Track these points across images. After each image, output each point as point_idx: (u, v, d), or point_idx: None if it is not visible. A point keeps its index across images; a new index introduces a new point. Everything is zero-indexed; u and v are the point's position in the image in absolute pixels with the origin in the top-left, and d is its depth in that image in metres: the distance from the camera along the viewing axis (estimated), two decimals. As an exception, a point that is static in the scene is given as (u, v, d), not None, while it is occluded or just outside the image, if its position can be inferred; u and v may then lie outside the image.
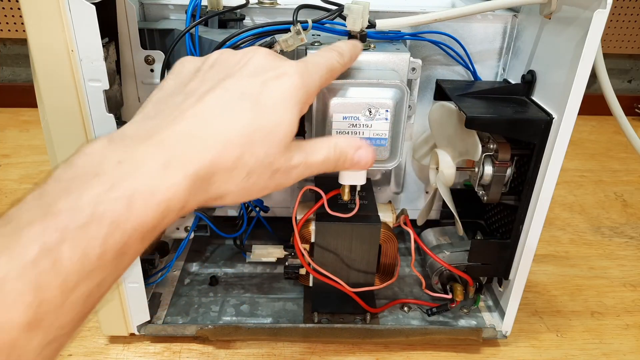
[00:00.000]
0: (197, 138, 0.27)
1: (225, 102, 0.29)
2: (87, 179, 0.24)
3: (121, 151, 0.25)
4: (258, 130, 0.29)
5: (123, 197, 0.24)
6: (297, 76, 0.31)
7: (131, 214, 0.24)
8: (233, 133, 0.28)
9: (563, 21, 0.44)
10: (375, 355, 0.55)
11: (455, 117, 0.51)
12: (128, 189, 0.24)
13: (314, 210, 0.51)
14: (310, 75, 0.32)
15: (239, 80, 0.30)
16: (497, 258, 0.53)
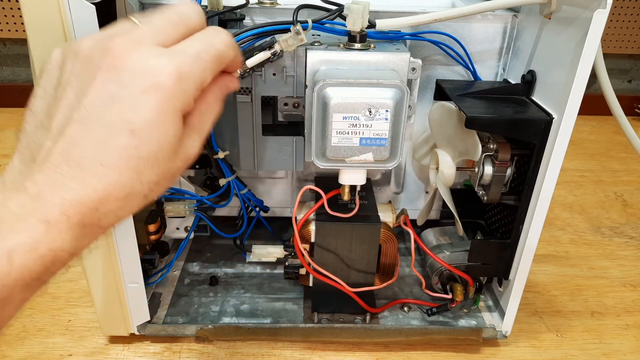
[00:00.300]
0: (78, 186, 0.25)
1: (97, 143, 0.26)
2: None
3: (1, 205, 0.25)
4: (141, 160, 0.27)
5: (2, 253, 0.23)
6: (167, 87, 0.27)
7: (12, 268, 0.24)
8: (115, 174, 0.26)
9: (563, 21, 0.44)
10: (375, 355, 0.55)
11: (455, 117, 0.51)
12: (7, 245, 0.24)
13: (314, 210, 0.51)
14: (187, 73, 0.28)
15: (102, 108, 0.26)
16: (497, 258, 0.53)
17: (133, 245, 0.48)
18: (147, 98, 0.26)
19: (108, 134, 0.26)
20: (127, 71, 0.26)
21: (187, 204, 0.56)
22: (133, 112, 0.26)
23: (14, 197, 0.25)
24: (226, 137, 0.52)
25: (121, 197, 0.27)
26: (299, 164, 0.52)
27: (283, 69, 0.46)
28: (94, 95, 0.26)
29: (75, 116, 0.26)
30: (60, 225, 0.25)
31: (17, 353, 0.54)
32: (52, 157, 0.26)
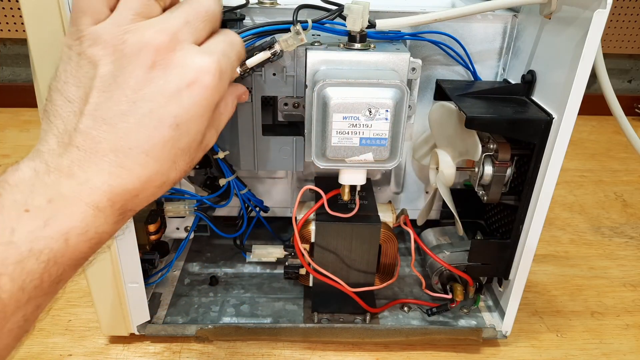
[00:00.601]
0: (124, 174, 0.27)
1: (143, 134, 0.28)
2: (18, 213, 0.25)
3: (49, 187, 0.26)
4: (179, 150, 0.29)
5: (59, 235, 0.26)
6: (214, 80, 0.29)
7: (68, 249, 0.26)
8: (157, 163, 0.28)
9: (563, 21, 0.44)
10: (375, 355, 0.55)
11: (455, 117, 0.51)
12: (62, 228, 0.26)
13: (314, 210, 0.51)
14: (226, 71, 0.31)
15: (150, 102, 0.28)
16: (497, 258, 0.53)
17: (133, 245, 0.48)
18: (192, 94, 0.28)
19: (155, 126, 0.28)
20: (173, 68, 0.28)
21: (187, 204, 0.56)
22: (179, 106, 0.28)
23: (63, 181, 0.27)
24: (226, 137, 0.52)
25: (159, 184, 0.29)
26: (299, 164, 0.52)
27: (283, 69, 0.46)
28: (143, 90, 0.28)
29: (124, 109, 0.28)
30: (106, 211, 0.27)
31: (17, 353, 0.54)
32: (100, 146, 0.27)
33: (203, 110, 0.29)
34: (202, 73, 0.29)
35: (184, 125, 0.29)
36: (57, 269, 0.26)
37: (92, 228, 0.27)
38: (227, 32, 0.33)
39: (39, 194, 0.26)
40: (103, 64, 0.28)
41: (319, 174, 0.61)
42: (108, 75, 0.28)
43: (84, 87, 0.28)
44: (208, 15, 0.31)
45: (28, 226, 0.25)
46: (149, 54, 0.28)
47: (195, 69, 0.29)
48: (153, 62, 0.28)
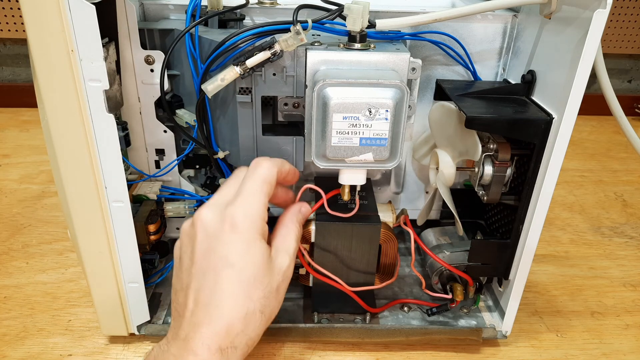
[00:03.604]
0: (208, 320, 0.34)
1: (211, 283, 0.35)
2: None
3: (165, 353, 0.35)
4: (244, 283, 0.35)
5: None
6: (239, 226, 0.36)
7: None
8: (230, 301, 0.35)
9: (563, 21, 0.44)
10: (375, 355, 0.55)
11: (455, 117, 0.51)
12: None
13: (314, 210, 0.51)
14: (249, 210, 0.37)
15: (205, 260, 0.36)
16: (497, 258, 0.53)
17: (133, 245, 0.48)
18: (230, 237, 0.36)
19: (216, 273, 0.35)
20: (209, 225, 0.37)
21: (187, 204, 0.56)
22: (225, 249, 0.35)
23: (173, 344, 0.35)
24: (226, 137, 0.52)
25: (241, 317, 0.35)
26: (299, 164, 0.52)
27: (283, 69, 0.46)
28: (199, 250, 0.36)
29: (193, 271, 0.36)
30: (204, 354, 0.33)
31: (17, 353, 0.54)
32: (188, 307, 0.35)
33: (247, 245, 0.37)
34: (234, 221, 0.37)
35: (237, 263, 0.36)
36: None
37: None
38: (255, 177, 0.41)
39: None
40: (182, 249, 0.40)
41: (319, 174, 0.61)
42: (183, 254, 0.40)
43: (178, 266, 0.40)
44: None
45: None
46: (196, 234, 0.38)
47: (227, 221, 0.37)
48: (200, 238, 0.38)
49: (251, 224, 0.36)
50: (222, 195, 0.39)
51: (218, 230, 0.36)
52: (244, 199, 0.37)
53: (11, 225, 0.76)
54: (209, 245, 0.36)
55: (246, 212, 0.37)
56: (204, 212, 0.37)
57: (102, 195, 0.45)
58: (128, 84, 0.51)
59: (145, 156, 0.56)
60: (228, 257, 0.35)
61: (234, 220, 0.36)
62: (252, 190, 0.38)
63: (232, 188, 0.40)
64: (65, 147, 0.43)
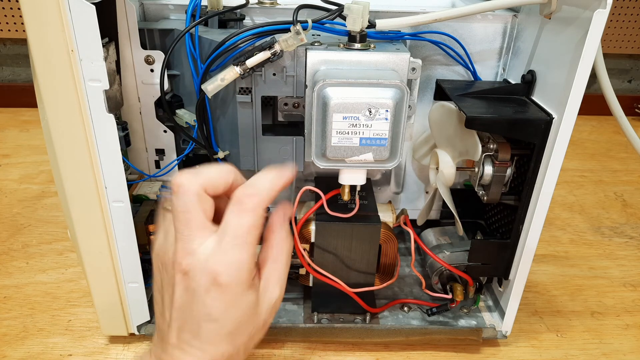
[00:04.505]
0: (191, 359, 0.34)
1: (192, 330, 0.34)
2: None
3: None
4: (228, 334, 0.34)
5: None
6: (223, 283, 0.33)
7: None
8: (212, 347, 0.34)
9: (563, 21, 0.44)
10: (375, 355, 0.55)
11: (455, 117, 0.51)
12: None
13: (314, 210, 0.51)
14: (233, 263, 0.33)
15: (187, 306, 0.34)
16: (497, 258, 0.53)
17: (133, 245, 0.48)
18: (211, 294, 0.33)
19: (197, 324, 0.33)
20: (190, 278, 0.33)
21: (187, 204, 0.56)
22: (206, 306, 0.33)
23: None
24: (226, 137, 0.52)
25: (224, 359, 0.34)
26: (299, 164, 0.52)
27: (283, 69, 0.46)
28: (178, 300, 0.34)
29: (174, 315, 0.34)
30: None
31: (17, 353, 0.54)
32: (170, 340, 0.34)
33: (230, 298, 0.33)
34: (215, 275, 0.32)
35: (219, 316, 0.33)
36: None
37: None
38: None
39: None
40: (162, 279, 0.36)
41: (319, 174, 0.61)
42: (165, 287, 0.36)
43: (160, 293, 0.36)
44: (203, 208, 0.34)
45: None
46: (174, 268, 0.34)
47: (207, 273, 0.33)
48: (179, 277, 0.34)
49: (235, 279, 0.33)
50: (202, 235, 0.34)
51: (200, 285, 0.32)
52: (224, 249, 0.32)
53: (11, 225, 0.76)
54: (189, 299, 0.33)
55: (229, 265, 0.32)
56: (185, 261, 0.33)
57: (102, 195, 0.45)
58: (128, 84, 0.51)
59: (145, 156, 0.56)
60: (210, 313, 0.33)
61: (216, 277, 0.32)
62: (232, 238, 0.33)
63: None
64: (65, 147, 0.43)
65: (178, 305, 0.34)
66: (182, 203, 0.33)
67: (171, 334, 0.34)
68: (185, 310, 0.34)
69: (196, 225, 0.33)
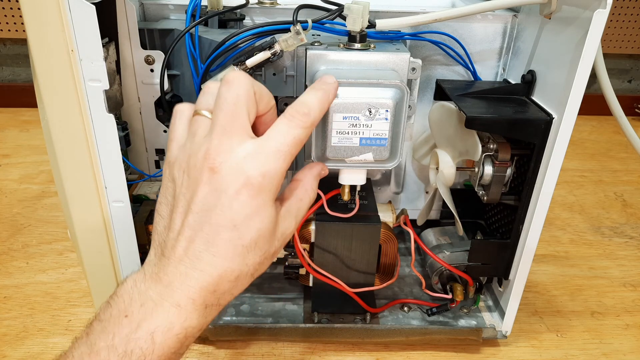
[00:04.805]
0: (197, 274, 0.31)
1: (208, 238, 0.32)
2: (119, 320, 0.30)
3: (143, 294, 0.31)
4: (244, 247, 0.32)
5: (147, 335, 0.30)
6: (255, 185, 0.31)
7: (155, 347, 0.30)
8: (225, 262, 0.32)
9: (563, 21, 0.44)
10: (375, 355, 0.55)
11: (455, 117, 0.51)
12: (149, 328, 0.30)
13: (314, 210, 0.51)
14: (269, 170, 0.32)
15: (208, 211, 0.31)
16: (497, 258, 0.53)
17: (133, 245, 0.48)
18: (240, 197, 0.31)
19: (215, 231, 0.31)
20: (221, 177, 0.31)
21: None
22: (232, 210, 0.31)
23: (152, 286, 0.32)
24: (226, 137, 0.52)
25: (232, 279, 0.32)
26: (299, 164, 0.52)
27: (283, 69, 0.46)
28: (201, 202, 0.31)
29: (189, 219, 0.32)
30: (188, 307, 0.31)
31: (17, 353, 0.54)
32: (176, 252, 0.32)
33: (257, 209, 0.32)
34: (247, 177, 0.31)
35: (241, 225, 0.31)
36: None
37: (176, 324, 0.31)
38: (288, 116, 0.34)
39: (135, 300, 0.31)
40: (176, 185, 0.33)
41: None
42: (178, 193, 0.33)
43: (168, 205, 0.34)
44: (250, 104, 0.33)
45: (124, 330, 0.30)
46: (202, 167, 0.31)
47: (240, 174, 0.31)
48: (207, 177, 0.31)
49: (268, 186, 0.32)
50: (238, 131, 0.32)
51: (230, 186, 0.31)
52: (265, 153, 0.32)
53: (11, 225, 0.76)
54: (214, 200, 0.31)
55: (265, 171, 0.31)
56: (219, 157, 0.31)
57: (102, 195, 0.45)
58: (128, 84, 0.51)
59: (145, 156, 0.56)
60: (233, 218, 0.31)
61: (250, 179, 0.31)
62: (277, 145, 0.32)
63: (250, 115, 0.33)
64: (65, 147, 0.43)
65: (198, 209, 0.31)
66: (234, 95, 0.32)
67: (178, 246, 0.32)
68: (205, 215, 0.31)
69: (240, 124, 0.32)
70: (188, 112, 0.36)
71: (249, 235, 0.32)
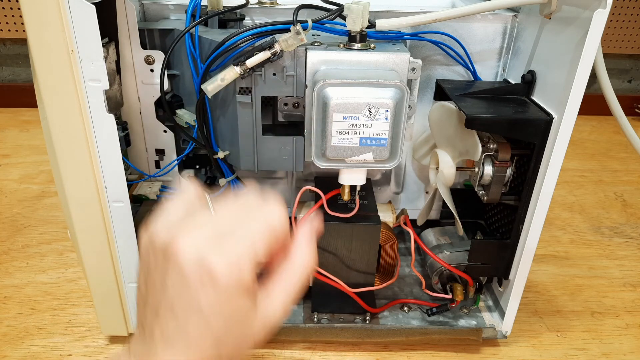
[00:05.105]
0: (170, 358, 0.31)
1: (178, 321, 0.31)
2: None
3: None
4: (214, 335, 0.32)
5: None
6: (222, 274, 0.31)
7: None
8: (196, 349, 0.31)
9: (563, 21, 0.44)
10: (375, 355, 0.55)
11: (455, 117, 0.51)
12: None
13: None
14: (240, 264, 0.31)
15: (177, 297, 0.31)
16: (497, 258, 0.53)
17: (133, 245, 0.48)
18: (207, 289, 0.31)
19: (185, 316, 0.31)
20: (186, 265, 0.31)
21: (187, 204, 0.56)
22: (197, 297, 0.31)
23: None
24: (226, 137, 0.52)
25: None
26: (299, 164, 0.52)
27: (283, 69, 0.46)
28: (171, 286, 0.31)
29: (162, 303, 0.32)
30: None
31: (17, 353, 0.54)
32: (154, 334, 0.32)
33: (223, 296, 0.31)
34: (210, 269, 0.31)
35: (208, 312, 0.31)
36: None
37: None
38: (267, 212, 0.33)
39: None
40: (149, 263, 0.34)
41: (319, 174, 0.61)
42: (152, 272, 0.33)
43: (144, 281, 0.34)
44: None
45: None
46: (168, 253, 0.31)
47: (203, 265, 0.31)
48: (173, 264, 0.31)
49: (234, 280, 0.31)
50: (215, 224, 0.33)
51: (193, 277, 0.31)
52: (237, 246, 0.32)
53: (11, 225, 0.76)
54: (181, 285, 0.31)
55: (232, 264, 0.31)
56: (185, 246, 0.31)
57: (102, 195, 0.45)
58: (128, 84, 0.51)
59: (145, 156, 0.56)
60: (200, 304, 0.31)
61: (214, 273, 0.31)
62: (250, 236, 0.32)
63: (230, 219, 0.33)
64: (65, 147, 0.43)
65: (168, 289, 0.31)
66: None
67: (154, 328, 0.32)
68: (174, 295, 0.31)
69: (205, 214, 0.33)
70: (192, 193, 0.35)
71: (217, 324, 0.31)
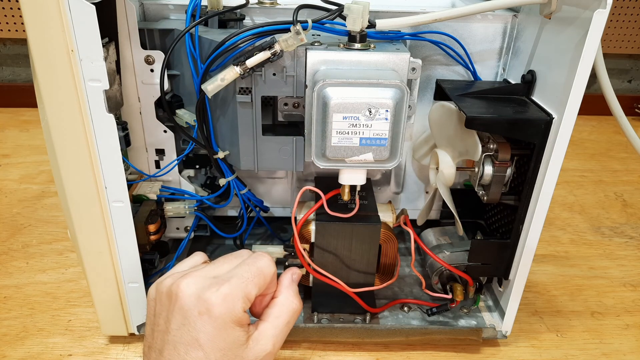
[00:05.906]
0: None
1: (180, 355, 0.36)
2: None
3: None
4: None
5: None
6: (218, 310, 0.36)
7: None
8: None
9: (563, 21, 0.44)
10: (375, 355, 0.55)
11: (455, 117, 0.51)
12: None
13: (313, 210, 0.51)
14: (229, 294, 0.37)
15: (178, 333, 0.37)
16: (497, 258, 0.53)
17: (133, 245, 0.48)
18: (203, 321, 0.36)
19: (185, 352, 0.36)
20: (186, 300, 0.37)
21: (187, 204, 0.56)
22: (196, 329, 0.36)
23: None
24: (226, 137, 0.52)
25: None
26: (299, 164, 0.52)
27: (283, 69, 0.46)
28: (173, 324, 0.37)
29: (166, 339, 0.37)
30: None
31: (17, 353, 0.54)
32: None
33: (219, 330, 0.36)
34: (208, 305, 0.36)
35: (205, 344, 0.36)
36: None
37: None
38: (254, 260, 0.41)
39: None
40: (155, 307, 0.39)
41: (319, 174, 0.61)
42: (157, 315, 0.39)
43: (150, 324, 0.40)
44: None
45: None
46: (172, 299, 0.38)
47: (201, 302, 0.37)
48: (175, 307, 0.37)
49: (227, 311, 0.36)
50: (212, 270, 0.39)
51: (192, 309, 0.36)
52: (230, 283, 0.37)
53: (11, 225, 0.76)
54: (182, 321, 0.36)
55: (226, 298, 0.36)
56: (186, 285, 0.37)
57: (102, 195, 0.45)
58: (128, 84, 0.51)
59: (145, 156, 0.56)
60: (198, 339, 0.36)
61: (210, 305, 0.36)
62: (242, 277, 0.38)
63: (225, 266, 0.40)
64: (65, 147, 0.43)
65: (172, 327, 0.36)
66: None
67: None
68: (177, 333, 0.36)
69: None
70: (200, 259, 0.43)
71: (214, 354, 0.36)
